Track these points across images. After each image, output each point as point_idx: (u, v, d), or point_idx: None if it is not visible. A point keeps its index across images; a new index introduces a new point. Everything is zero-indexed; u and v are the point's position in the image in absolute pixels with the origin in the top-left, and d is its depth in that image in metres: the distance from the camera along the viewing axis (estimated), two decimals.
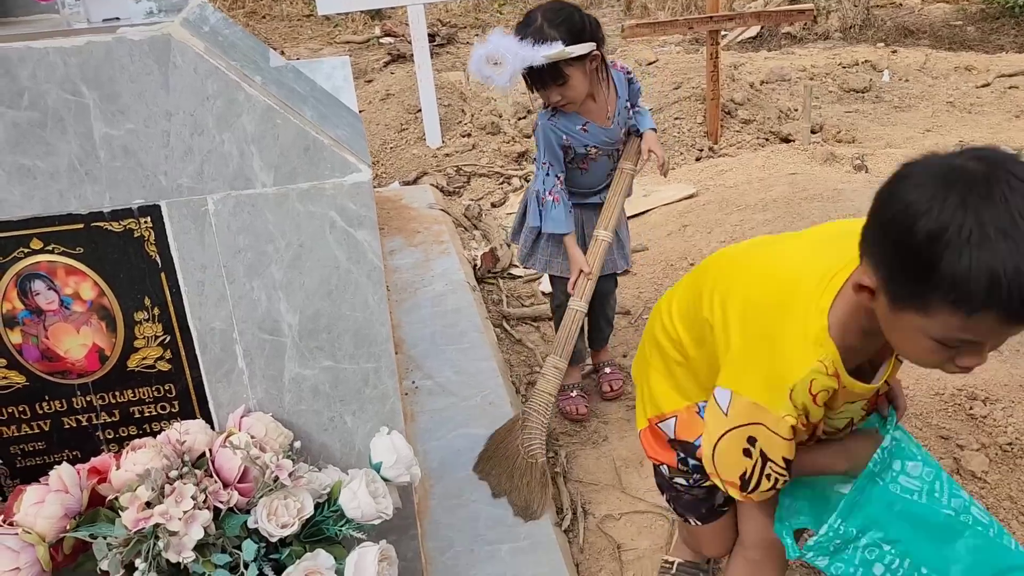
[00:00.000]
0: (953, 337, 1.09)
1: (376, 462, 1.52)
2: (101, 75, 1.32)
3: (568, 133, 2.34)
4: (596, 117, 2.34)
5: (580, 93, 2.24)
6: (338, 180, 1.45)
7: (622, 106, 2.38)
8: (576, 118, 2.32)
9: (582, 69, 2.19)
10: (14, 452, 1.52)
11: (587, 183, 2.47)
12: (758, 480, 1.36)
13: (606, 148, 2.40)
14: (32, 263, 1.40)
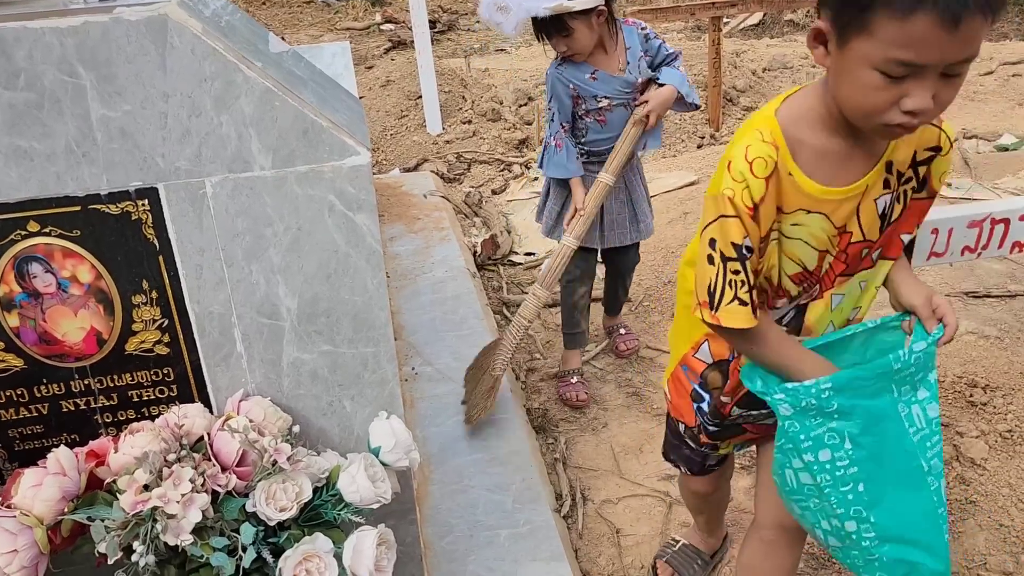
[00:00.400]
0: (894, 58, 1.09)
1: (375, 446, 1.52)
2: (98, 56, 1.31)
3: (575, 82, 2.38)
4: (607, 66, 2.38)
5: (585, 45, 2.31)
6: (337, 163, 1.44)
7: (635, 56, 2.40)
8: (585, 67, 2.37)
9: (587, 23, 2.26)
10: (12, 435, 1.52)
11: (607, 137, 2.46)
12: (722, 289, 1.33)
13: (622, 97, 2.40)
14: (29, 246, 1.40)
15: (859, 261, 1.40)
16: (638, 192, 2.58)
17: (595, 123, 2.46)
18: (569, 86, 2.39)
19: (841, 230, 1.34)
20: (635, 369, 2.80)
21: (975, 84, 5.80)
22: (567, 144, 2.43)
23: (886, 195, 1.33)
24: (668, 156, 4.72)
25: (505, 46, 7.59)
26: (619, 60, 2.40)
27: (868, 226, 1.35)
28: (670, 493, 2.27)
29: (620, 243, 2.60)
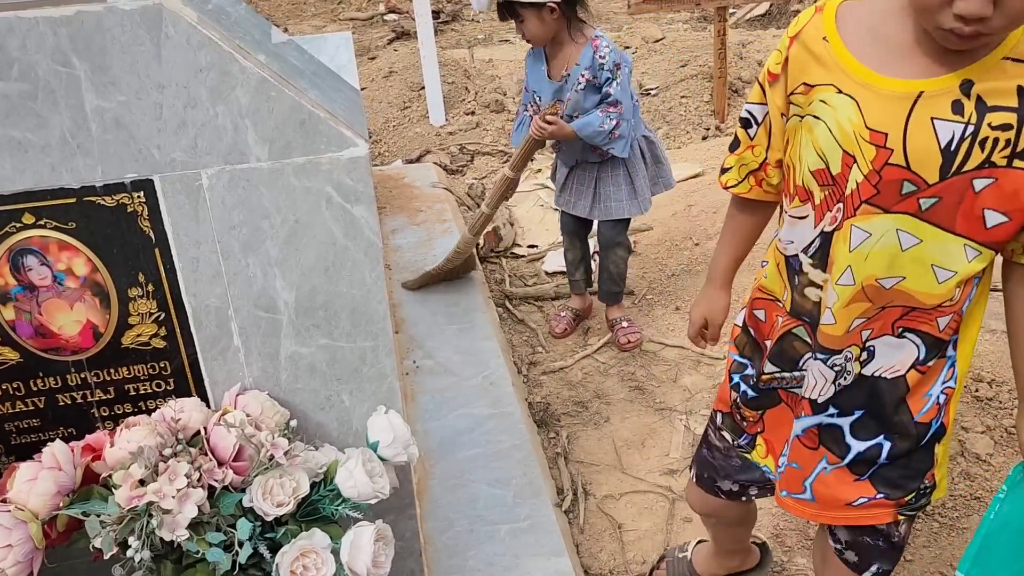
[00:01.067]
0: None
1: (373, 441, 1.51)
2: (92, 45, 1.29)
3: (528, 70, 2.67)
4: (554, 67, 2.59)
5: (535, 35, 2.50)
6: (335, 155, 1.42)
7: (576, 74, 2.52)
8: (542, 58, 2.60)
9: (539, 16, 2.44)
10: (8, 429, 1.51)
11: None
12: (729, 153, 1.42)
13: (547, 101, 2.60)
14: (24, 238, 1.38)
15: (897, 196, 1.11)
16: (607, 173, 2.69)
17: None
18: (526, 72, 2.69)
19: (876, 137, 1.10)
20: (638, 363, 2.79)
21: None
22: (523, 118, 2.74)
23: (955, 123, 1.05)
24: (672, 148, 4.69)
25: (509, 37, 7.55)
26: (566, 66, 2.56)
27: (917, 152, 1.08)
28: (672, 488, 2.26)
29: (570, 211, 2.81)
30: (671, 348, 2.82)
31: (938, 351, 1.25)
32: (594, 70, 2.50)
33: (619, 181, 2.70)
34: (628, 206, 2.73)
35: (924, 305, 1.18)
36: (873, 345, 1.25)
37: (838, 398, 1.31)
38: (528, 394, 2.69)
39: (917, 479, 1.32)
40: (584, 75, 2.50)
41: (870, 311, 1.22)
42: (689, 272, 3.21)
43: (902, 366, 1.25)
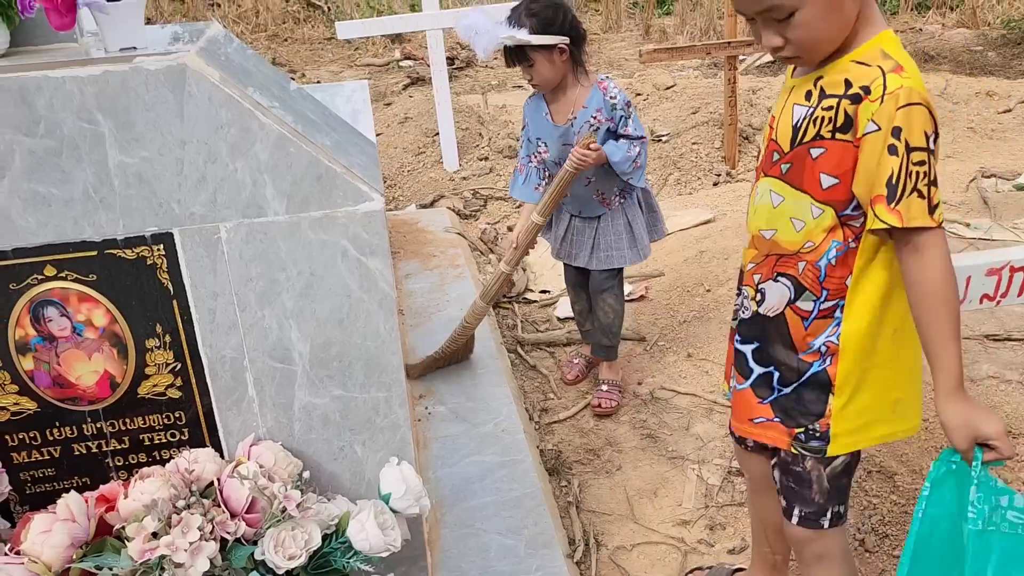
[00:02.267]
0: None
1: (385, 493, 1.51)
2: (117, 104, 1.33)
3: (529, 118, 2.61)
4: (558, 111, 2.53)
5: (546, 79, 2.46)
6: (351, 208, 1.45)
7: (585, 116, 2.48)
8: (543, 105, 2.56)
9: (549, 58, 2.41)
10: (24, 478, 1.52)
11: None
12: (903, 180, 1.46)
13: (556, 149, 2.54)
14: (45, 290, 1.41)
15: (770, 163, 1.48)
16: (607, 223, 2.65)
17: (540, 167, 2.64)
18: (526, 118, 2.62)
19: (771, 120, 1.50)
20: (650, 410, 2.78)
21: (993, 122, 5.78)
22: (529, 171, 2.64)
23: (804, 107, 1.40)
24: (684, 194, 4.72)
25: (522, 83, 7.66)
26: (572, 110, 2.51)
27: (781, 128, 1.45)
28: (685, 540, 2.23)
29: (571, 262, 2.76)
30: (683, 396, 2.81)
31: (809, 298, 1.48)
32: (607, 111, 2.49)
33: (619, 230, 2.67)
34: (629, 255, 2.69)
35: (788, 252, 1.48)
36: (763, 288, 1.54)
37: (743, 328, 1.61)
38: (540, 441, 2.68)
39: (808, 417, 1.52)
40: (596, 117, 2.48)
41: (757, 257, 1.54)
42: (701, 319, 3.21)
43: (779, 305, 1.52)
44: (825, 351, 1.49)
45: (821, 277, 1.46)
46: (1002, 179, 4.42)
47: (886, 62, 1.32)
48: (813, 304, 1.48)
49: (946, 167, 4.94)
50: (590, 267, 2.72)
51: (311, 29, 10.14)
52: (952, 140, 5.52)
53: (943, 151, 5.32)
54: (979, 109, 6.10)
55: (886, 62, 1.32)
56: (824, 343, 1.49)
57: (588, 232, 2.68)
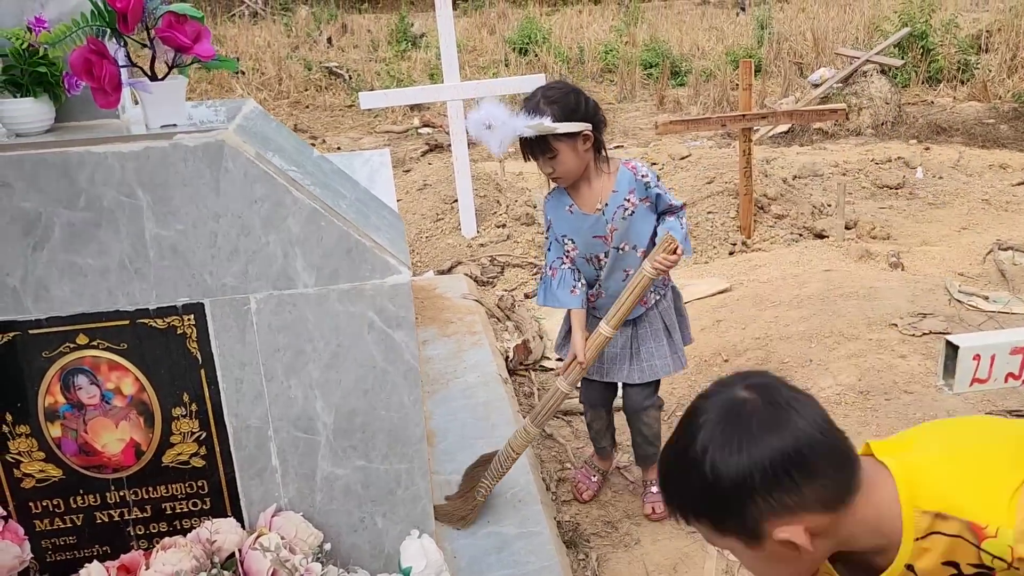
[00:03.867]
0: None
1: (406, 567, 1.50)
2: (156, 179, 1.38)
3: (552, 215, 2.37)
4: (584, 202, 2.32)
5: (570, 169, 2.27)
6: (378, 282, 1.48)
7: (617, 201, 2.30)
8: (566, 198, 2.34)
9: (572, 146, 2.24)
10: (45, 546, 1.52)
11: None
12: None
13: (584, 242, 2.32)
14: (76, 358, 1.43)
15: None
16: (646, 328, 2.42)
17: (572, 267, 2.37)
18: (549, 218, 2.37)
19: None
20: None
21: (1007, 194, 5.81)
22: (563, 272, 2.36)
23: None
24: (700, 263, 4.74)
25: None
26: (600, 198, 2.31)
27: None
28: None
29: (605, 378, 2.47)
30: None
31: None
32: (640, 192, 2.32)
33: (660, 336, 2.43)
34: (671, 362, 2.44)
35: None
36: None
37: None
38: (557, 512, 2.65)
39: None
40: (629, 199, 2.30)
41: None
42: None
43: None
44: None
45: None
46: (1019, 251, 4.43)
47: (955, 524, 1.05)
48: None
49: (961, 239, 4.96)
50: (630, 381, 2.45)
51: (332, 96, 10.39)
52: (967, 212, 5.55)
53: (957, 222, 5.35)
54: (993, 181, 6.15)
55: (955, 524, 1.05)
56: None
57: (623, 341, 2.41)
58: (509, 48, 11.31)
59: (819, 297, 3.78)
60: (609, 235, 2.31)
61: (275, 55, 11.00)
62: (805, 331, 3.50)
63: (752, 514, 1.05)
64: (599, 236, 2.32)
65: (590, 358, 2.29)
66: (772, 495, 1.03)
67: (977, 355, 1.60)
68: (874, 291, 3.74)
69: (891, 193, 6.00)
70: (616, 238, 2.32)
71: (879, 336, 3.33)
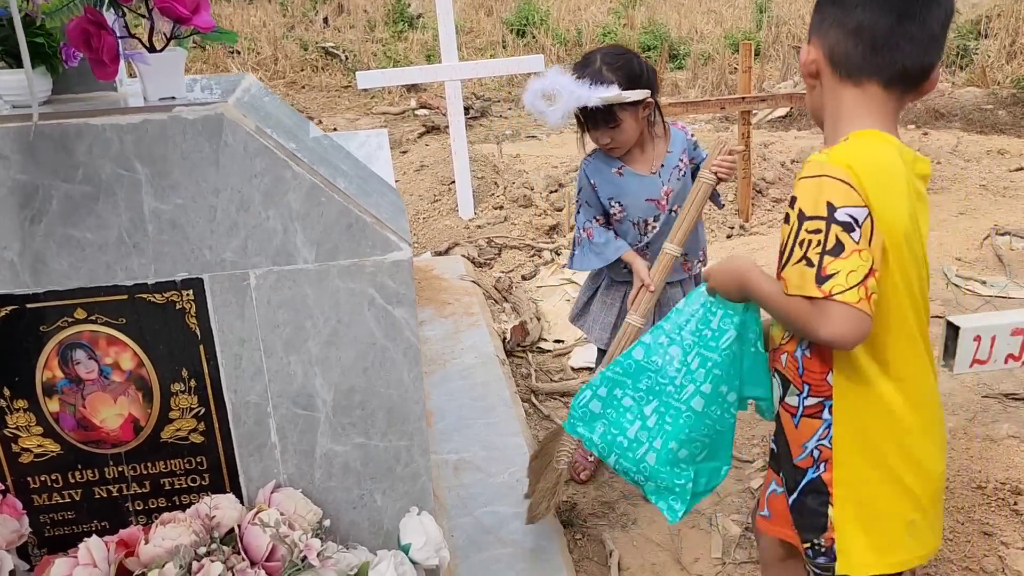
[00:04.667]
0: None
1: (405, 543, 1.50)
2: (155, 152, 1.36)
3: (597, 178, 2.27)
4: (638, 164, 2.25)
5: (629, 138, 2.20)
6: (379, 258, 1.47)
7: (672, 162, 2.25)
8: (614, 161, 2.26)
9: (634, 115, 2.16)
10: (43, 521, 1.51)
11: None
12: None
13: (635, 205, 2.25)
14: (75, 332, 1.42)
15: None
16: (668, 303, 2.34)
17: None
18: (592, 180, 2.29)
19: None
20: None
21: (1005, 180, 5.81)
22: (598, 229, 2.29)
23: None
24: None
25: (537, 133, 7.76)
26: (654, 162, 2.26)
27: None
28: None
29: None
30: None
31: (793, 392, 1.44)
32: (690, 152, 2.30)
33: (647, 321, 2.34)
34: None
35: (775, 343, 1.48)
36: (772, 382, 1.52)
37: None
38: None
39: (811, 532, 1.45)
40: (683, 160, 2.27)
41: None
42: None
43: (776, 402, 1.51)
44: (818, 456, 1.41)
45: (800, 370, 1.41)
46: (1016, 236, 4.43)
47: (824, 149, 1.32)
48: (797, 400, 1.42)
49: (959, 224, 4.95)
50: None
51: (329, 77, 10.32)
52: (964, 197, 5.55)
53: (955, 207, 5.34)
54: (991, 167, 6.14)
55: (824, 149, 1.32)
56: (816, 446, 1.41)
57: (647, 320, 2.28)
58: (507, 29, 11.24)
59: None
60: (664, 197, 2.25)
61: (271, 35, 10.91)
62: None
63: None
64: (652, 199, 2.25)
65: (659, 281, 2.19)
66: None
67: (978, 336, 1.60)
68: None
69: None
70: (672, 200, 2.26)
71: None
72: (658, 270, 2.18)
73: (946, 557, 2.11)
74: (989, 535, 2.16)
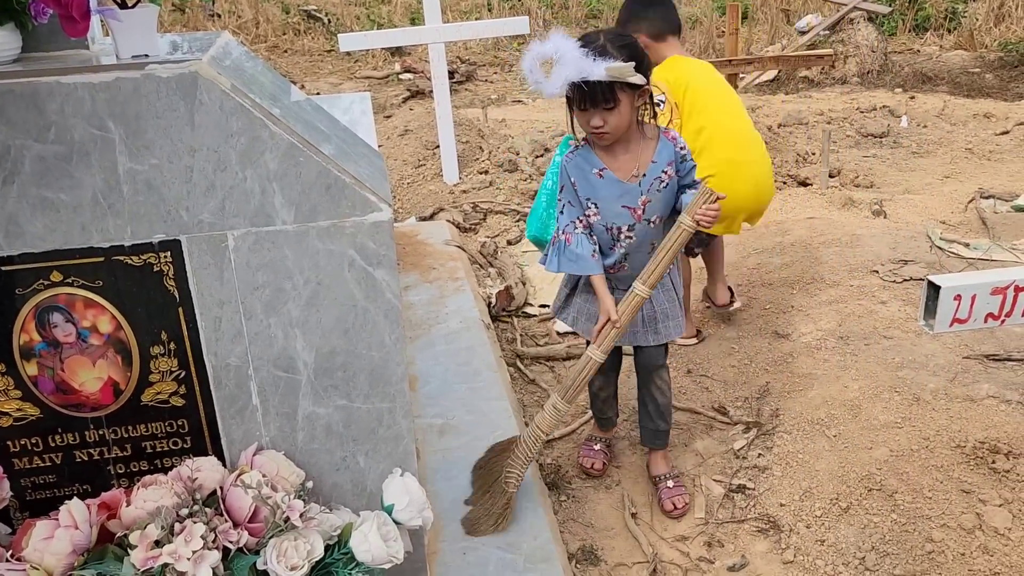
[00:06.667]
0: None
1: (388, 504, 1.50)
2: (128, 111, 1.33)
3: (578, 173, 2.16)
4: (619, 167, 2.13)
5: (621, 125, 2.07)
6: (359, 219, 1.45)
7: (655, 173, 2.12)
8: (594, 159, 2.14)
9: (630, 101, 2.05)
10: (24, 484, 1.51)
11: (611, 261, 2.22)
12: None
13: (609, 210, 2.14)
14: (51, 295, 1.40)
15: None
16: (658, 291, 2.25)
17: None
18: (572, 180, 2.16)
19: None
20: None
21: (991, 144, 5.82)
22: (579, 237, 2.16)
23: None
24: None
25: (523, 97, 7.70)
26: (637, 165, 2.12)
27: None
28: (690, 554, 2.23)
29: (624, 344, 2.31)
30: (683, 411, 2.80)
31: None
32: (676, 164, 2.15)
33: (672, 297, 2.29)
34: (682, 322, 2.33)
35: None
36: None
37: None
38: (539, 456, 2.67)
39: None
40: (667, 172, 2.12)
41: None
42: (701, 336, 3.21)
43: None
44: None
45: None
46: (1000, 200, 4.45)
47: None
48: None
49: (944, 187, 4.97)
50: (645, 343, 2.32)
51: (311, 41, 10.18)
52: (951, 161, 5.56)
53: (940, 171, 5.35)
54: (977, 130, 6.15)
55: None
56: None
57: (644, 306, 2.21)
58: None
59: (801, 244, 3.78)
60: (641, 207, 2.13)
61: None
62: (787, 277, 3.51)
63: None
64: (628, 207, 2.14)
65: (625, 321, 2.13)
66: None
67: (958, 295, 1.60)
68: (856, 238, 3.75)
69: (875, 142, 5.99)
70: (648, 210, 2.14)
71: (860, 282, 3.35)
72: (626, 310, 2.13)
73: (924, 514, 2.14)
74: (968, 492, 2.19)
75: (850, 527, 2.16)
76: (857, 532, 2.15)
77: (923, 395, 2.53)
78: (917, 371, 2.66)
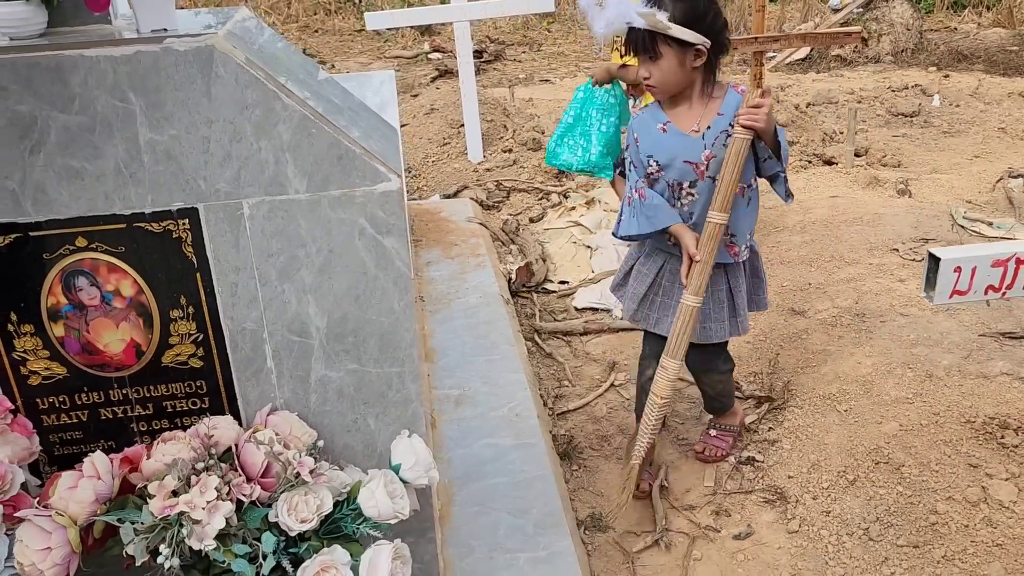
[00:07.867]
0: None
1: (395, 463, 1.56)
2: (148, 83, 1.39)
3: (643, 129, 2.11)
4: (681, 121, 2.08)
5: (667, 81, 2.01)
6: (368, 188, 1.50)
7: (721, 125, 2.05)
8: (660, 115, 2.10)
9: (680, 58, 1.98)
10: (53, 440, 1.59)
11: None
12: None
13: (672, 166, 2.08)
14: (77, 260, 1.48)
15: None
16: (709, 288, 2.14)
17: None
18: (635, 136, 2.13)
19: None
20: None
21: (1022, 123, 5.72)
22: (650, 192, 2.11)
23: None
24: None
25: (550, 77, 7.69)
26: (700, 120, 2.06)
27: None
28: (698, 523, 2.27)
29: (653, 329, 2.29)
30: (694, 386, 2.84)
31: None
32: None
33: (720, 298, 2.21)
34: (729, 326, 2.23)
35: None
36: None
37: None
38: (553, 427, 2.73)
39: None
40: (733, 125, 2.02)
41: None
42: None
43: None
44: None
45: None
46: None
47: None
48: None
49: (973, 167, 4.90)
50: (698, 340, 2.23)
51: (342, 20, 10.24)
52: (982, 140, 5.47)
53: (971, 150, 5.28)
54: (1011, 109, 6.04)
55: None
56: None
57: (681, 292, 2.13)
58: None
59: (823, 222, 3.78)
60: (704, 162, 2.06)
61: None
62: (806, 255, 3.51)
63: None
64: (690, 162, 2.07)
65: (706, 252, 2.04)
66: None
67: (958, 267, 1.62)
68: (878, 217, 3.74)
69: (905, 121, 5.92)
70: (713, 166, 2.06)
71: (879, 261, 3.35)
72: (704, 240, 2.04)
73: (930, 487, 2.16)
74: (975, 467, 2.21)
75: (856, 499, 2.19)
76: (863, 504, 2.18)
77: (936, 371, 2.54)
78: (932, 348, 2.67)
